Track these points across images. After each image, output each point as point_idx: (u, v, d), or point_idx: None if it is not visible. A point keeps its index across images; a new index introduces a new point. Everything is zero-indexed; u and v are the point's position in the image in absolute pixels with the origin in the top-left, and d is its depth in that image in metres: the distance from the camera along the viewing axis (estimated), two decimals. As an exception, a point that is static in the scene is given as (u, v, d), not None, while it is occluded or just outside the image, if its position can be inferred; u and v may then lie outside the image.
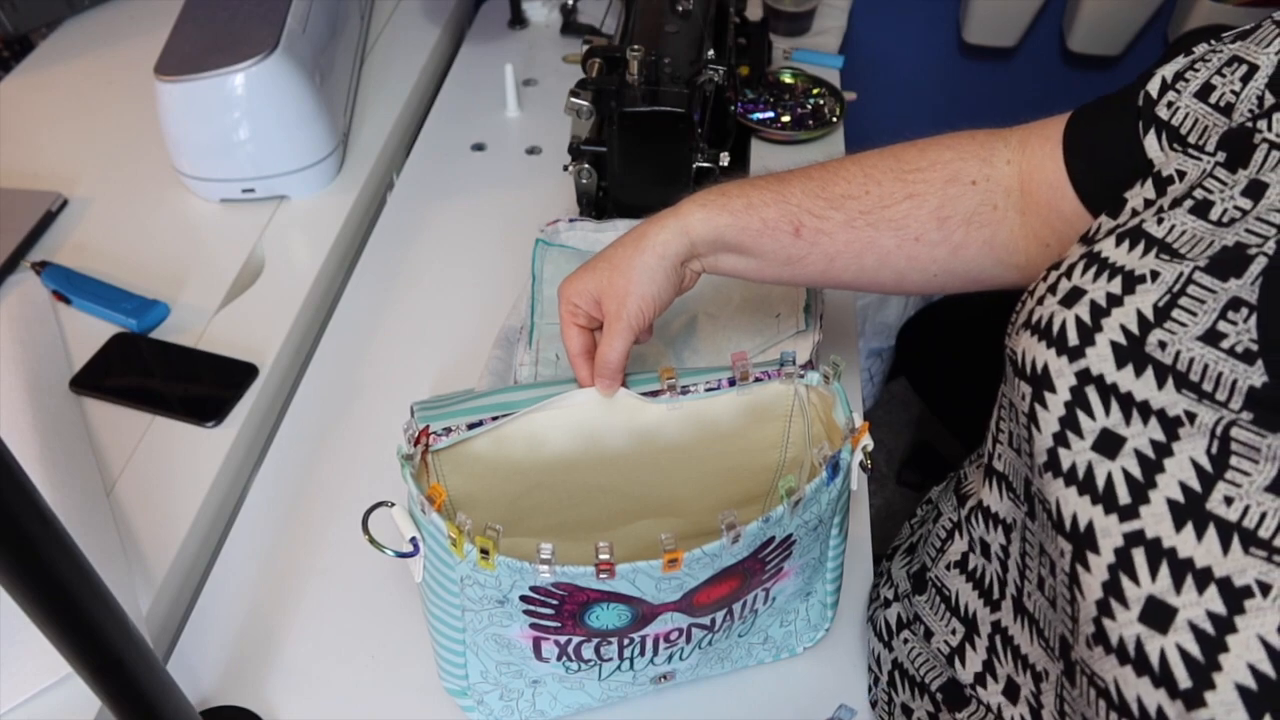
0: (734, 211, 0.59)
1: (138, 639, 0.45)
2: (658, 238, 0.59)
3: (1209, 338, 0.41)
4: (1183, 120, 0.49)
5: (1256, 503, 0.38)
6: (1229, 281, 0.42)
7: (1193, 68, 0.50)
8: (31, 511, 0.37)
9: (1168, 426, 0.41)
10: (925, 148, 0.60)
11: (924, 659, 0.61)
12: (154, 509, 0.71)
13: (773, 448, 0.62)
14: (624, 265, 0.59)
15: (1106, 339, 0.44)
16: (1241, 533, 0.38)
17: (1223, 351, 0.41)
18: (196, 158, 0.95)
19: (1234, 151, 0.46)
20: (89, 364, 0.81)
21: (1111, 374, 0.44)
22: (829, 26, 1.31)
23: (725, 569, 0.52)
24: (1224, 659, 0.37)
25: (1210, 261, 0.43)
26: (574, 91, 0.86)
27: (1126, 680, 0.41)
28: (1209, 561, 0.38)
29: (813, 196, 0.59)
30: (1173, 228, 0.45)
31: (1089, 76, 1.62)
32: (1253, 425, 0.39)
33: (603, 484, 0.62)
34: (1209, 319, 0.42)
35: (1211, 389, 0.41)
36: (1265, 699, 0.35)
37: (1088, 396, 0.45)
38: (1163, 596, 0.39)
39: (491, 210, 1.02)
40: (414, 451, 0.54)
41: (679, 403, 0.60)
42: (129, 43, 1.18)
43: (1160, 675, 0.39)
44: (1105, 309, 0.45)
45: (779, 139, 1.09)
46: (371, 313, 0.91)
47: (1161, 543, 0.40)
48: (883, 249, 0.59)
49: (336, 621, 0.68)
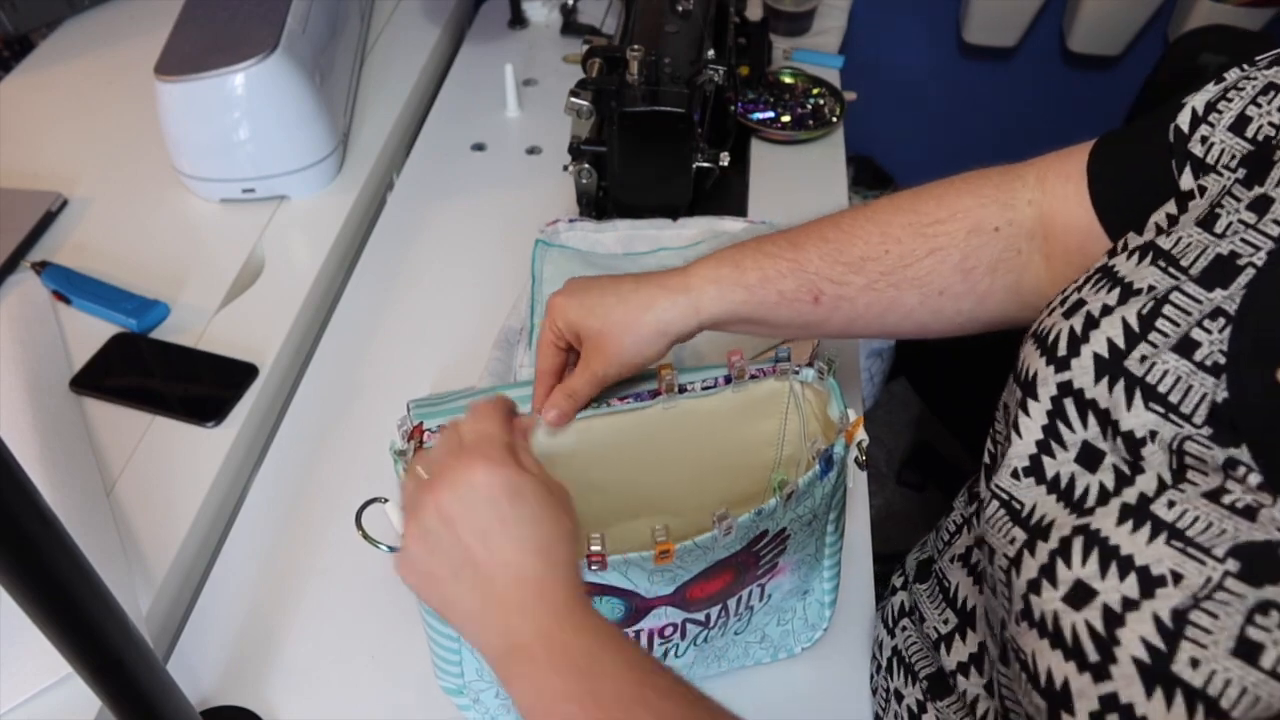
0: (749, 287, 0.56)
1: (138, 639, 0.45)
2: (664, 314, 0.55)
3: (1182, 348, 0.42)
4: (1218, 156, 0.47)
5: (1193, 507, 0.39)
6: (1215, 291, 0.42)
7: (1225, 97, 0.48)
8: (31, 511, 0.37)
9: (1131, 447, 0.43)
10: (943, 196, 0.57)
11: (918, 647, 0.62)
12: (154, 509, 0.71)
13: (769, 445, 0.62)
14: (620, 327, 0.55)
15: (1091, 351, 0.45)
16: (1171, 530, 0.39)
17: (1193, 364, 0.41)
18: (196, 158, 0.95)
19: (1253, 168, 0.45)
20: (89, 364, 0.81)
21: (1090, 389, 0.44)
22: (829, 26, 1.31)
23: (718, 562, 0.52)
24: (1121, 633, 0.39)
25: (1202, 272, 0.43)
26: (574, 91, 0.86)
27: (1043, 652, 0.42)
28: (1132, 550, 0.40)
29: (831, 262, 0.56)
30: (1179, 240, 0.45)
31: (1089, 76, 1.62)
32: (1206, 440, 0.40)
33: (598, 483, 0.62)
34: (1186, 329, 0.42)
35: (1178, 402, 0.41)
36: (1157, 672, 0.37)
37: (1066, 409, 0.45)
38: (1089, 581, 0.41)
39: (491, 210, 1.02)
40: (407, 447, 0.54)
41: (675, 402, 0.60)
42: (129, 43, 1.18)
43: (1072, 648, 0.40)
44: (1096, 320, 0.45)
45: (779, 139, 1.09)
46: (371, 313, 0.91)
47: (1100, 533, 0.42)
48: (906, 307, 0.57)
49: (336, 621, 0.68)
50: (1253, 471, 0.38)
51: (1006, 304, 0.57)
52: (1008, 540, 0.47)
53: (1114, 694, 0.39)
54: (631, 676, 0.42)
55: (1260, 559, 0.36)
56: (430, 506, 0.45)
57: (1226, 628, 0.36)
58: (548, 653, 0.42)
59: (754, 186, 1.04)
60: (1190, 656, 0.37)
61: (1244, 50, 0.51)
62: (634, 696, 0.41)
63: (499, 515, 0.44)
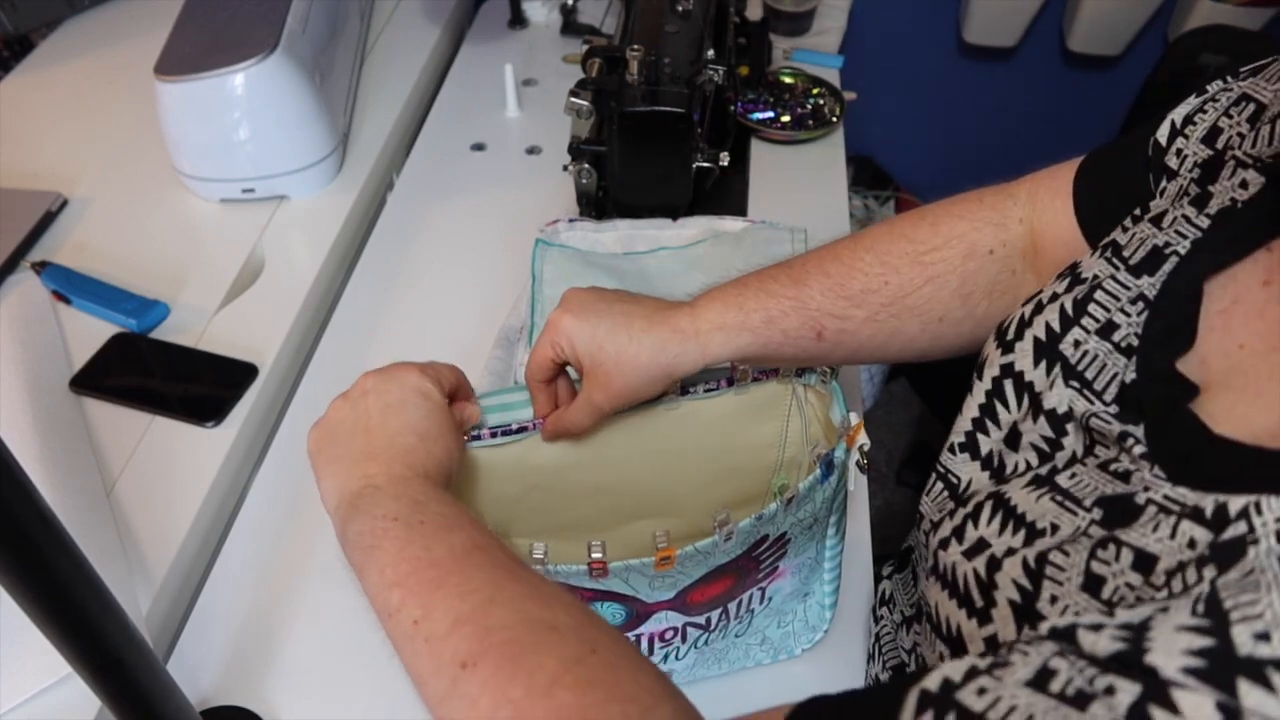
0: (754, 330, 0.56)
1: (138, 639, 0.45)
2: (674, 359, 0.56)
3: (1105, 330, 0.45)
4: (1191, 167, 0.49)
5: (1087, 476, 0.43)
6: (1141, 279, 0.45)
7: (1202, 109, 0.49)
8: (31, 511, 0.37)
9: (1054, 424, 0.46)
10: (937, 222, 0.58)
11: (889, 635, 0.63)
12: (154, 509, 0.71)
13: (770, 447, 0.62)
14: (629, 367, 0.55)
15: (1032, 335, 0.48)
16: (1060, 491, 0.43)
17: (1111, 344, 0.44)
18: (196, 158, 0.95)
19: (1207, 170, 0.47)
20: (89, 364, 0.81)
21: (1029, 371, 0.48)
22: (829, 26, 1.31)
23: (719, 567, 0.52)
24: (998, 577, 0.42)
25: (1137, 262, 0.46)
26: (574, 91, 0.86)
27: (943, 603, 0.46)
28: (1026, 509, 0.44)
29: (833, 298, 0.57)
30: (1132, 235, 0.47)
31: (1089, 76, 1.62)
32: (1110, 416, 0.43)
33: (601, 485, 0.62)
34: (1111, 314, 0.45)
35: (1093, 379, 0.44)
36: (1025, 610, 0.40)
37: (1004, 389, 0.49)
38: (989, 538, 0.44)
39: (491, 210, 1.02)
40: None
41: (677, 404, 0.60)
42: (129, 43, 1.18)
43: (964, 596, 0.44)
44: (1043, 306, 0.48)
45: (779, 139, 1.09)
46: (371, 313, 0.91)
47: (1006, 496, 0.45)
48: (907, 335, 0.58)
49: (337, 621, 0.68)
50: (1139, 444, 0.41)
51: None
52: (939, 510, 0.51)
53: (994, 635, 0.42)
54: (459, 514, 0.46)
55: (1116, 506, 0.39)
56: (359, 384, 0.53)
57: (1076, 564, 0.39)
58: (392, 488, 0.47)
59: (754, 186, 1.04)
60: (1050, 594, 0.39)
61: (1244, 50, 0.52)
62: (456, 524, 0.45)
63: (403, 401, 0.51)
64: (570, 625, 0.39)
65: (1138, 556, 0.37)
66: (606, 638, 0.39)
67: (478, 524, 0.45)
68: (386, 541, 0.44)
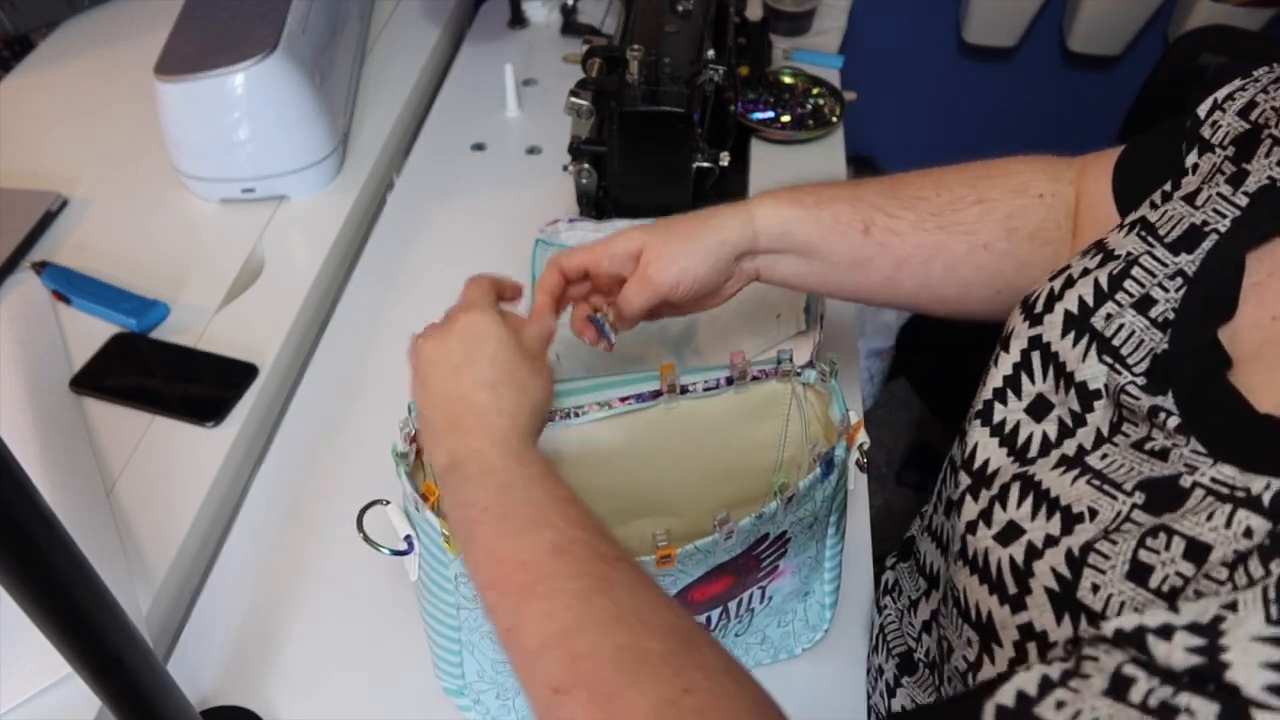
0: (805, 205, 0.59)
1: (138, 639, 0.45)
2: (722, 222, 0.58)
3: (1141, 305, 0.45)
4: (1223, 137, 0.50)
5: (1120, 457, 0.42)
6: (1180, 256, 0.45)
7: (1243, 87, 0.50)
8: (31, 511, 0.37)
9: (1084, 399, 0.46)
10: (995, 160, 0.61)
11: (894, 624, 0.64)
12: (154, 509, 0.71)
13: (771, 447, 0.62)
14: (681, 234, 0.58)
15: (1063, 309, 0.48)
16: (1095, 473, 0.43)
17: (1148, 320, 0.44)
18: (196, 158, 0.95)
19: (1242, 146, 0.48)
20: (89, 364, 0.81)
21: (1056, 342, 0.48)
22: (829, 26, 1.31)
23: (719, 566, 0.52)
24: (1036, 565, 0.42)
25: (1174, 240, 0.46)
26: (574, 91, 0.86)
27: (972, 588, 0.46)
28: (1060, 492, 0.43)
29: (885, 196, 0.59)
30: (1165, 213, 0.48)
31: (1089, 76, 1.62)
32: (1140, 388, 0.42)
33: (600, 484, 0.62)
34: (1148, 289, 0.45)
35: (1127, 354, 0.44)
36: (1063, 599, 0.40)
37: (1031, 360, 0.49)
38: (1020, 522, 0.44)
39: (491, 210, 1.02)
40: (409, 449, 0.54)
41: (677, 403, 0.60)
42: (129, 43, 1.18)
43: (995, 582, 0.44)
44: (1074, 281, 0.48)
45: (779, 139, 1.09)
46: (371, 313, 0.91)
47: (1036, 479, 0.45)
48: (952, 255, 0.59)
49: (337, 621, 0.68)
50: (1172, 415, 0.40)
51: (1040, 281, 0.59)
52: (954, 485, 0.51)
53: (1029, 623, 0.42)
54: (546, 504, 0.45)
55: (1160, 489, 0.39)
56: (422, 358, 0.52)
57: (1122, 553, 0.38)
58: (478, 469, 0.46)
59: (754, 186, 1.04)
60: (1092, 583, 0.39)
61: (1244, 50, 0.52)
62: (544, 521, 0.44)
63: (466, 354, 0.50)
64: (661, 654, 0.38)
65: (1190, 545, 0.36)
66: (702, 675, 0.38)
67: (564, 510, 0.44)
68: (478, 534, 0.44)
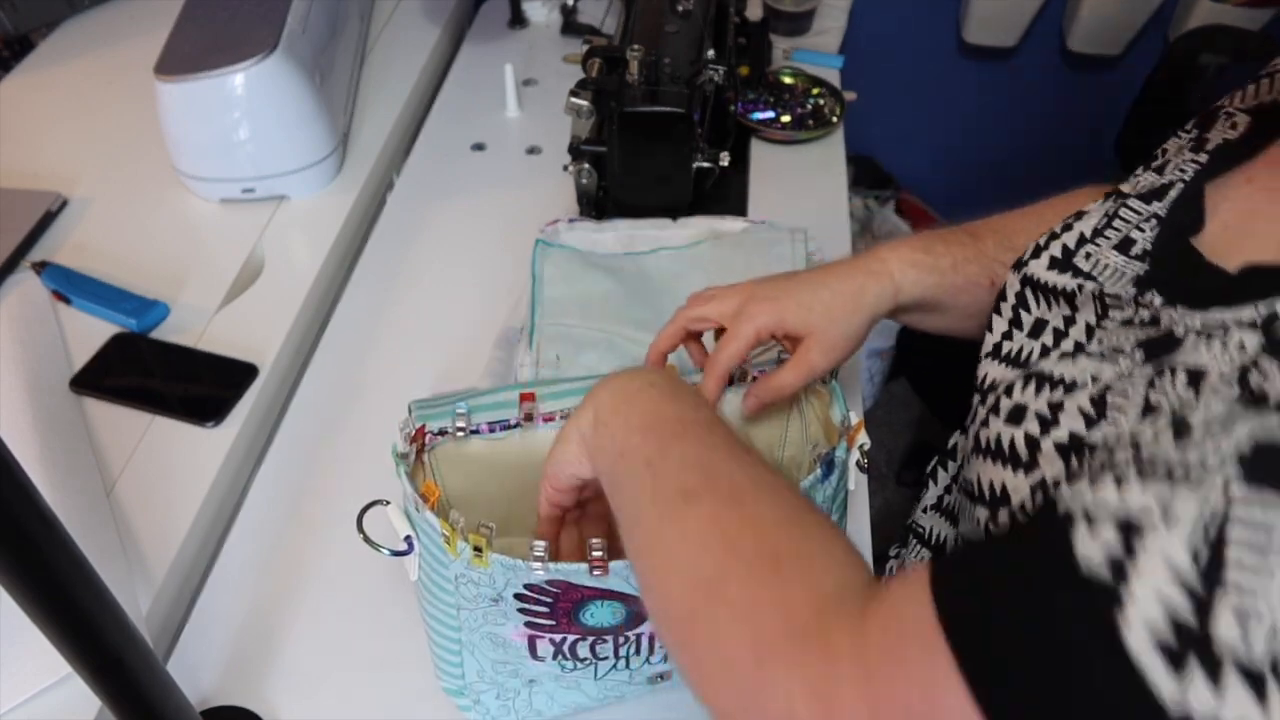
0: (942, 271, 0.60)
1: (138, 639, 0.45)
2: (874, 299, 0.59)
3: (1122, 245, 0.49)
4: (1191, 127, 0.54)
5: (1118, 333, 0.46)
6: (1152, 204, 0.49)
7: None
8: (31, 511, 0.37)
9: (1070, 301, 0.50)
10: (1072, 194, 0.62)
11: None
12: (154, 509, 0.71)
13: (771, 447, 0.62)
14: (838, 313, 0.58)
15: (1049, 255, 0.52)
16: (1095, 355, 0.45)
17: (1128, 256, 0.48)
18: (196, 158, 0.95)
19: (1203, 123, 0.52)
20: (89, 364, 0.81)
21: (1043, 274, 0.52)
22: (829, 26, 1.31)
23: None
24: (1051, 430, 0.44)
25: (1146, 192, 0.51)
26: (574, 91, 0.86)
27: (986, 470, 0.47)
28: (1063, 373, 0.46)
29: (1003, 249, 0.61)
30: (1136, 183, 0.52)
31: (1089, 76, 1.62)
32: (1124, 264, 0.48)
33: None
34: (1127, 232, 0.49)
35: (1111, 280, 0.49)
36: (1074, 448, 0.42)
37: (1026, 296, 0.53)
38: (1026, 402, 0.46)
39: (491, 210, 1.02)
40: (409, 450, 0.54)
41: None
42: (129, 43, 1.18)
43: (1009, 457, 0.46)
44: (1058, 234, 0.53)
45: (779, 139, 1.09)
46: (371, 313, 0.91)
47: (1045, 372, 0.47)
48: None
49: (337, 621, 0.68)
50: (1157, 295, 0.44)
51: None
52: (972, 414, 0.53)
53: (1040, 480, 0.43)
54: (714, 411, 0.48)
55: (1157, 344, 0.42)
56: None
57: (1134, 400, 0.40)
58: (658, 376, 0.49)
59: (754, 186, 1.04)
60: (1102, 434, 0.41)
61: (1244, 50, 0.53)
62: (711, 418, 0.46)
63: None
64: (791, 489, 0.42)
65: (1190, 374, 0.38)
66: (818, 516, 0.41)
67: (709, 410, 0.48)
68: (640, 398, 0.47)
